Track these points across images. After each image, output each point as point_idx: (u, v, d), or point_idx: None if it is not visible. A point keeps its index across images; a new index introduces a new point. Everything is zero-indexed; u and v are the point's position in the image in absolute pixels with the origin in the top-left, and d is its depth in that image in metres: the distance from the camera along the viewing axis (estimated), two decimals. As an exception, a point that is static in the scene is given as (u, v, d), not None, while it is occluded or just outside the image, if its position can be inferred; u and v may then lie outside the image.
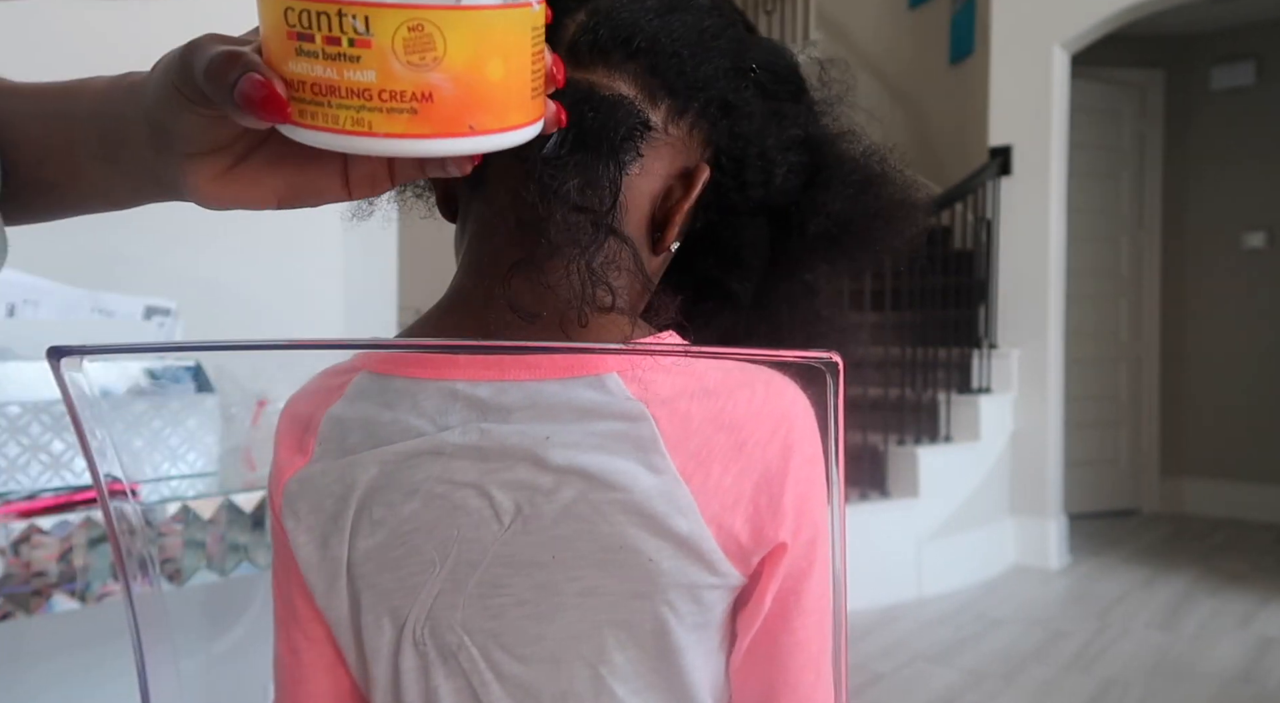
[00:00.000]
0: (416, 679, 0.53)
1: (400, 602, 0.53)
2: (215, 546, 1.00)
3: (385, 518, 0.52)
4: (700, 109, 0.55)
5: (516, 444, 0.49)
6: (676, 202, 0.56)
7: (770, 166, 0.57)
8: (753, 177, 0.57)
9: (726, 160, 0.57)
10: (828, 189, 0.59)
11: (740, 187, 0.57)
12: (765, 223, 0.60)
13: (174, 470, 1.11)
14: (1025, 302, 4.03)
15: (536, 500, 0.49)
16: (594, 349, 0.51)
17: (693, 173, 0.56)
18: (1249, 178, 4.91)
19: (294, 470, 0.55)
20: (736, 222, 0.59)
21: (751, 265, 0.61)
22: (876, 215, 0.61)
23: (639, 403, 0.49)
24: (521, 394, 0.50)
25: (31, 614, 0.89)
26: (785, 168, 0.58)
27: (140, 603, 0.41)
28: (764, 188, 0.58)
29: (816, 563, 0.52)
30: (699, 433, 0.49)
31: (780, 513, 0.50)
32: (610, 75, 0.53)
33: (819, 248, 0.61)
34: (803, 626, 0.52)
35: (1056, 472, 4.03)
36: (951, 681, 2.76)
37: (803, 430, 0.51)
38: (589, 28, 0.53)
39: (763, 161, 0.57)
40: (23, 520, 0.89)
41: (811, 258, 0.62)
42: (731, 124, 0.56)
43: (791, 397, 0.51)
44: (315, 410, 0.56)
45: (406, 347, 0.56)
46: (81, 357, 0.37)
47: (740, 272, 0.61)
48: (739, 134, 0.56)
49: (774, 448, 0.50)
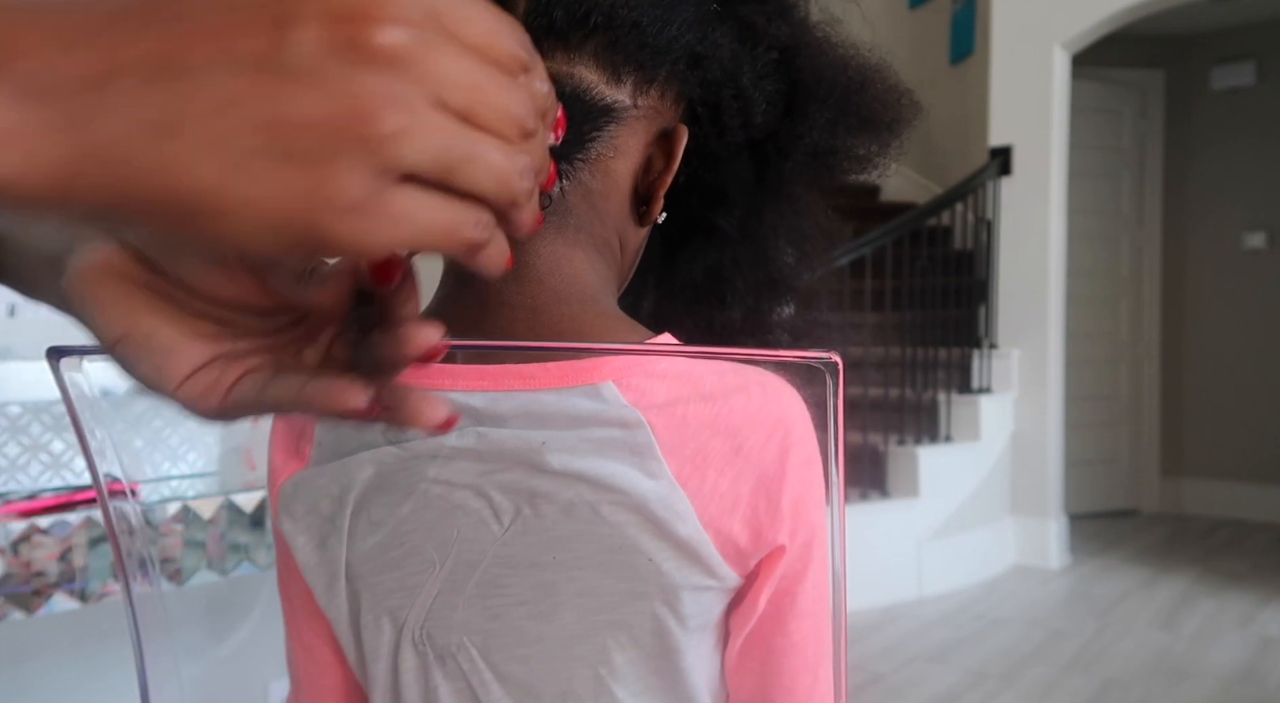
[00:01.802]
0: (416, 680, 0.53)
1: (399, 602, 0.53)
2: (215, 545, 1.00)
3: (384, 519, 0.52)
4: (668, 70, 0.53)
5: (513, 448, 0.49)
6: (659, 174, 0.54)
7: (748, 105, 0.55)
8: (730, 121, 0.55)
9: (702, 110, 0.55)
10: (805, 117, 0.57)
11: (719, 133, 0.55)
12: (748, 158, 0.58)
13: (174, 470, 1.11)
14: (1025, 302, 4.03)
15: (536, 502, 0.49)
16: (593, 349, 0.50)
17: (671, 136, 0.54)
18: (1249, 178, 4.91)
19: (288, 474, 0.55)
20: (718, 164, 0.57)
21: (736, 199, 0.59)
22: (858, 131, 0.59)
23: (634, 410, 0.48)
24: (516, 404, 0.50)
25: (31, 614, 0.89)
26: (762, 102, 0.55)
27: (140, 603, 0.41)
28: (744, 128, 0.56)
29: (812, 565, 0.52)
30: (695, 438, 0.49)
31: (778, 515, 0.50)
32: (569, 60, 0.50)
33: (802, 171, 0.59)
34: (798, 629, 0.52)
35: (1057, 472, 4.03)
36: (951, 681, 2.75)
37: (800, 433, 0.51)
38: (541, 8, 0.49)
39: (739, 102, 0.55)
40: (23, 520, 0.89)
41: (796, 180, 0.60)
42: (703, 73, 0.54)
43: (788, 399, 0.51)
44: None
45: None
46: (81, 357, 0.37)
47: (724, 207, 0.59)
48: (711, 81, 0.54)
49: (771, 451, 0.50)
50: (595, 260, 0.54)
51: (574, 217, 0.52)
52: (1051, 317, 4.00)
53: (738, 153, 0.57)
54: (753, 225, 0.60)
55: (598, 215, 0.53)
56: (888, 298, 3.75)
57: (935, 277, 3.96)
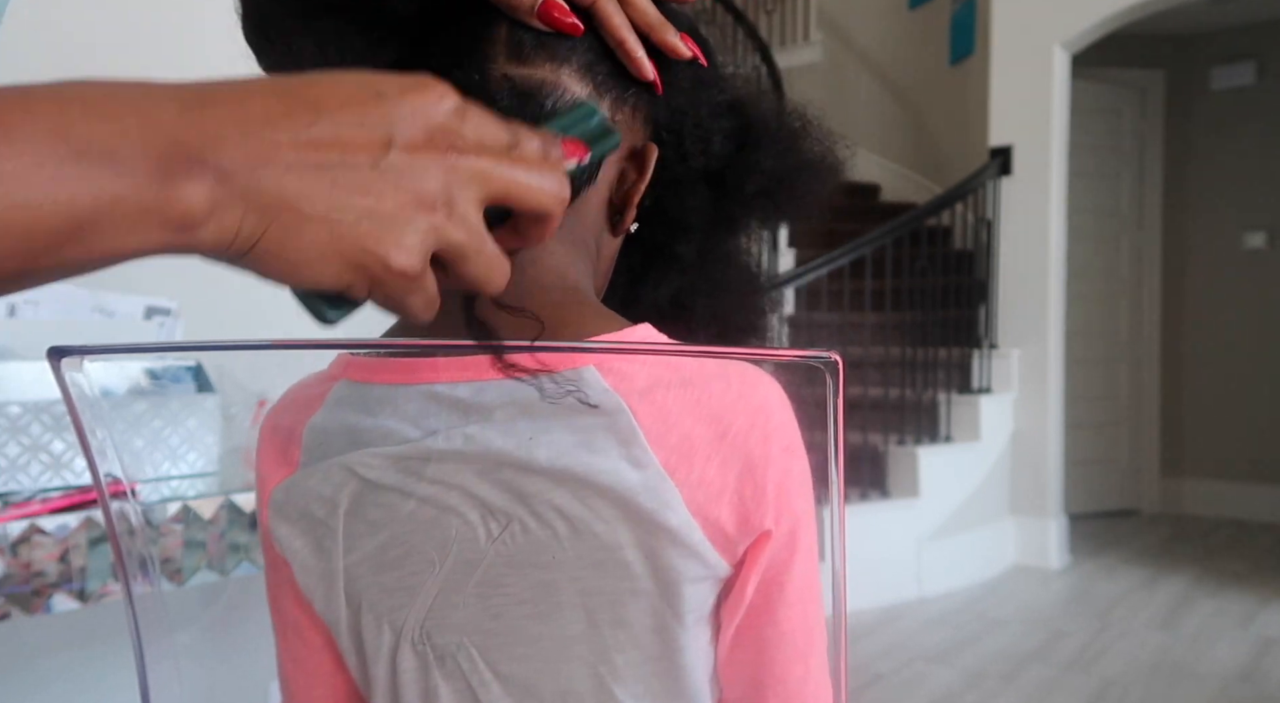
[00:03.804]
0: (415, 680, 0.53)
1: (399, 603, 0.53)
2: (215, 545, 1.00)
3: (381, 520, 0.52)
4: (639, 91, 0.56)
5: (500, 447, 0.49)
6: (632, 184, 0.57)
7: (707, 134, 0.59)
8: (691, 146, 0.59)
9: (666, 134, 0.58)
10: (758, 148, 0.61)
11: (681, 157, 0.59)
12: (706, 187, 0.62)
13: (174, 470, 1.11)
14: (1025, 302, 4.03)
15: (528, 501, 0.49)
16: (580, 348, 0.51)
17: (642, 153, 0.57)
18: (1249, 178, 4.91)
19: (277, 482, 0.55)
20: (680, 190, 0.61)
21: (695, 228, 0.63)
22: (802, 169, 0.62)
23: (616, 395, 0.49)
24: (500, 392, 0.50)
25: (31, 614, 0.89)
26: (720, 134, 0.60)
27: (140, 603, 0.41)
28: (703, 156, 0.60)
29: (799, 553, 0.52)
30: (679, 426, 0.49)
31: (764, 501, 0.50)
32: (555, 69, 0.53)
33: (754, 205, 0.63)
34: (787, 618, 0.52)
35: (1056, 472, 4.03)
36: (951, 681, 2.76)
37: (780, 419, 0.51)
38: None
39: (699, 130, 0.59)
40: (23, 520, 0.89)
41: (747, 214, 0.64)
42: (668, 98, 0.57)
43: (766, 386, 0.52)
44: (296, 422, 0.56)
45: (405, 347, 0.56)
46: (82, 357, 0.37)
47: (685, 235, 0.63)
48: (675, 107, 0.58)
49: (755, 436, 0.50)
50: (577, 257, 0.56)
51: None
52: (1051, 317, 4.00)
53: (697, 181, 0.61)
54: (708, 254, 0.64)
55: (578, 219, 0.56)
56: (888, 298, 3.75)
57: (935, 277, 3.96)
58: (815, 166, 0.63)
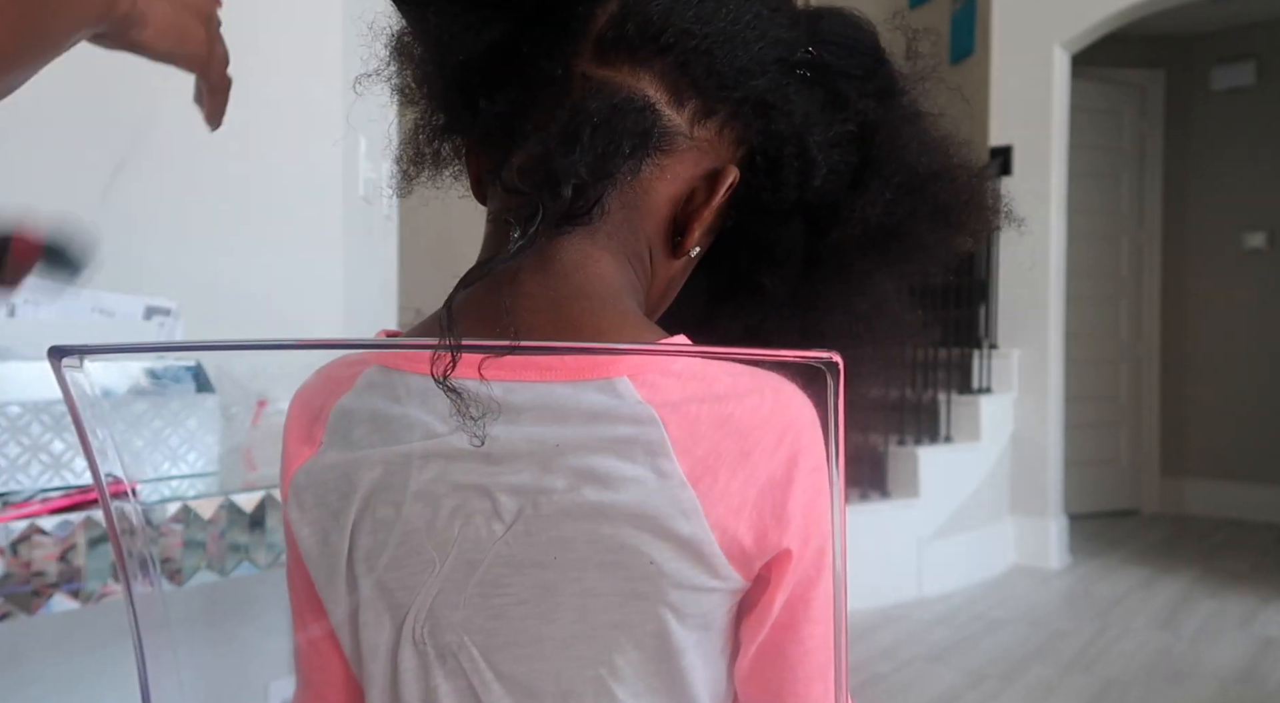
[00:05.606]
0: (415, 678, 0.53)
1: (400, 600, 0.53)
2: (215, 545, 1.00)
3: (388, 517, 0.52)
4: (732, 108, 0.53)
5: (524, 450, 0.49)
6: (698, 206, 0.54)
7: (809, 167, 0.55)
8: (789, 178, 0.55)
9: (761, 160, 0.55)
10: (866, 191, 0.56)
11: (774, 187, 0.56)
12: (801, 221, 0.58)
13: (174, 470, 1.11)
14: (1025, 302, 4.03)
15: (539, 502, 0.49)
16: (599, 349, 0.50)
17: (718, 175, 0.54)
18: (1249, 178, 4.91)
19: (301, 461, 0.55)
20: (768, 220, 0.57)
21: (785, 261, 0.59)
22: (926, 220, 0.58)
23: (649, 406, 0.49)
24: (532, 394, 0.50)
25: (31, 614, 0.89)
26: (825, 169, 0.55)
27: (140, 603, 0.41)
28: (800, 189, 0.56)
29: (825, 571, 0.52)
30: (707, 438, 0.49)
31: (784, 520, 0.49)
32: (635, 74, 0.51)
33: (859, 250, 0.58)
34: (810, 635, 0.52)
35: (1056, 472, 4.03)
36: (951, 681, 2.76)
37: (809, 439, 0.50)
38: (617, 20, 0.51)
39: (801, 162, 0.55)
40: (23, 520, 0.89)
41: (852, 259, 0.59)
42: (768, 123, 0.54)
43: (799, 405, 0.51)
44: (325, 401, 0.56)
45: (405, 346, 0.55)
46: (82, 357, 0.37)
47: (773, 267, 0.59)
48: (775, 133, 0.54)
49: (780, 456, 0.49)
50: (622, 267, 0.54)
51: (608, 224, 0.53)
52: (1051, 317, 4.00)
53: (791, 213, 0.57)
54: (802, 293, 0.60)
55: (631, 230, 0.54)
56: (888, 298, 3.75)
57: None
58: (942, 219, 0.58)
